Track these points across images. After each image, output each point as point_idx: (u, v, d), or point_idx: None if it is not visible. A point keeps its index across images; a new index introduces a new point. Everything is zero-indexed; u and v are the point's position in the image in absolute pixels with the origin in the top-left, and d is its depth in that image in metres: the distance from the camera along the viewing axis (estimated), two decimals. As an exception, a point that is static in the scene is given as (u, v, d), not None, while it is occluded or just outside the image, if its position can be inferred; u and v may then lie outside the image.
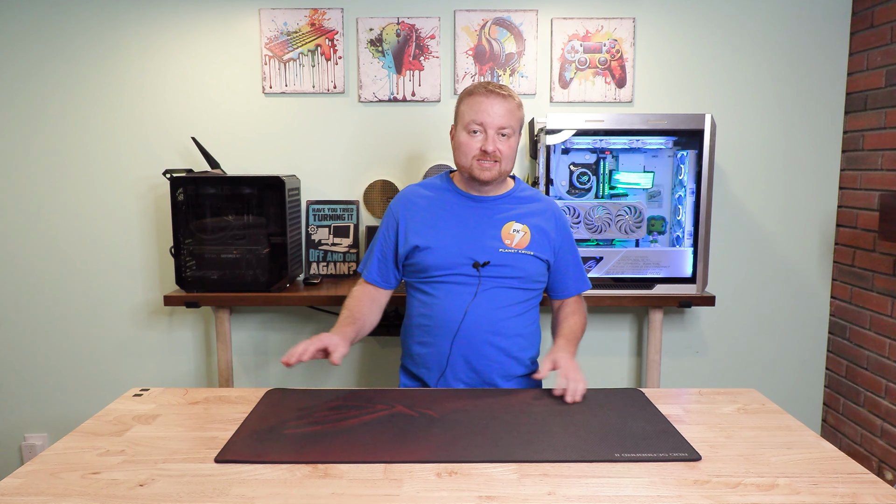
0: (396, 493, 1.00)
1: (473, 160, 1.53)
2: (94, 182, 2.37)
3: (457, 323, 1.53)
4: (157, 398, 1.42)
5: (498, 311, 1.55)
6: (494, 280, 1.55)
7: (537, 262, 1.59)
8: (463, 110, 1.55)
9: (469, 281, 1.54)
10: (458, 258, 1.54)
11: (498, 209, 1.60)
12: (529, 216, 1.60)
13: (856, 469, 1.08)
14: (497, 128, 1.52)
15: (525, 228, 1.58)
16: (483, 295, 1.54)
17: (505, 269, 1.55)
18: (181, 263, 2.12)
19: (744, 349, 2.49)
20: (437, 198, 1.62)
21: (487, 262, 1.53)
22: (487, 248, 1.55)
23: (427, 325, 1.58)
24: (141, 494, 1.00)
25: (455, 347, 1.54)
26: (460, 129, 1.56)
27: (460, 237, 1.56)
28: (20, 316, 2.43)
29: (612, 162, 2.22)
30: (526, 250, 1.57)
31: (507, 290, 1.56)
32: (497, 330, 1.55)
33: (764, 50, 2.33)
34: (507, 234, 1.57)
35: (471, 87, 1.56)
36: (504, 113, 1.52)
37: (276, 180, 2.11)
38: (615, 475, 1.06)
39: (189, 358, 2.47)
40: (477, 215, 1.59)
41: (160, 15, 2.29)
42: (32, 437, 2.49)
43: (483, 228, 1.57)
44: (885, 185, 2.17)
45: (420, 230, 1.58)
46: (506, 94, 1.53)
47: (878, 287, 2.21)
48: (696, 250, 2.16)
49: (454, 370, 1.56)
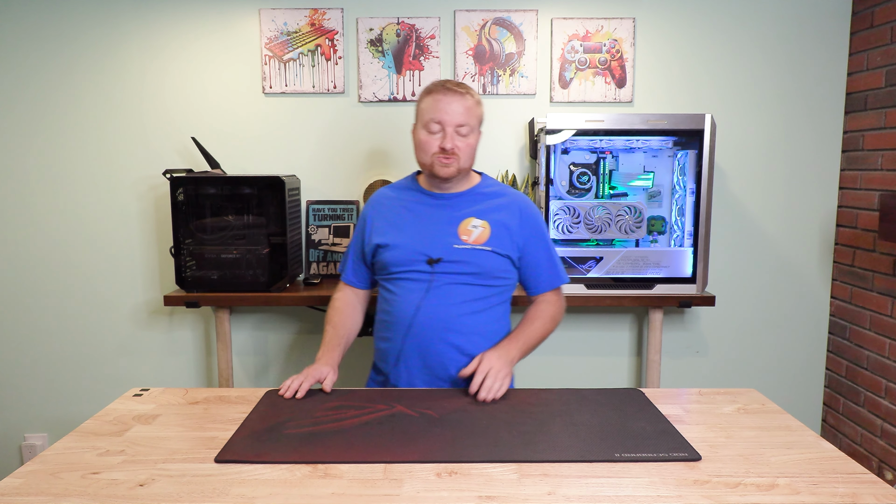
0: (396, 493, 1.00)
1: (433, 157, 1.54)
2: (94, 182, 2.37)
3: (409, 318, 1.55)
4: (157, 398, 1.42)
5: (452, 307, 1.54)
6: (449, 276, 1.55)
7: (497, 257, 1.57)
8: (423, 109, 1.57)
9: (423, 277, 1.56)
10: (413, 255, 1.56)
11: (458, 206, 1.61)
12: (491, 211, 1.60)
13: (856, 469, 1.08)
14: (455, 125, 1.52)
15: (484, 224, 1.58)
16: (436, 291, 1.55)
17: (459, 265, 1.54)
18: (181, 263, 2.12)
19: (744, 349, 2.49)
20: (401, 197, 1.65)
21: (440, 258, 1.54)
22: (442, 245, 1.55)
23: (386, 321, 1.61)
24: (141, 494, 1.00)
25: (407, 343, 1.56)
26: (420, 127, 1.57)
27: (417, 234, 1.58)
28: (20, 316, 2.43)
29: (612, 162, 2.22)
30: (484, 246, 1.56)
31: (463, 287, 1.55)
32: (450, 326, 1.54)
33: (764, 50, 2.33)
34: (465, 230, 1.57)
35: (430, 86, 1.58)
36: (462, 111, 1.52)
37: (276, 180, 2.11)
38: (615, 475, 1.06)
39: (189, 358, 2.47)
40: (436, 213, 1.60)
41: (160, 15, 2.29)
42: (32, 437, 2.49)
43: (440, 225, 1.58)
44: (885, 185, 2.17)
45: (383, 229, 1.61)
46: (464, 92, 1.54)
47: (878, 287, 2.21)
48: (696, 250, 2.16)
49: (407, 365, 1.57)
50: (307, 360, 2.46)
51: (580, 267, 2.17)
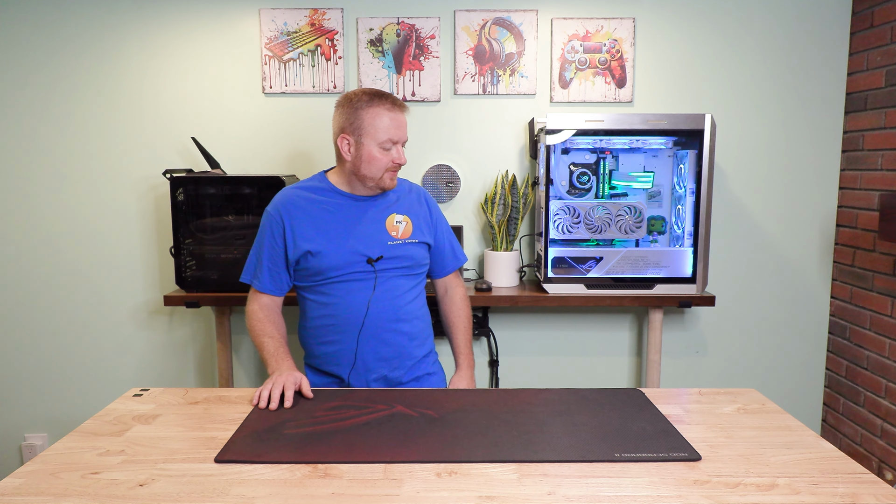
0: (396, 493, 1.00)
1: (385, 172, 1.61)
2: (94, 182, 2.37)
3: (360, 318, 1.60)
4: (157, 398, 1.42)
5: (397, 299, 1.63)
6: (389, 272, 1.63)
7: (422, 247, 1.69)
8: (371, 124, 1.56)
9: (365, 277, 1.61)
10: (351, 257, 1.60)
11: (378, 204, 1.67)
12: (405, 205, 1.70)
13: (856, 469, 1.08)
14: (404, 141, 1.62)
15: (406, 218, 1.68)
16: (381, 287, 1.62)
17: (396, 259, 1.63)
18: (181, 263, 2.12)
19: (744, 349, 2.49)
20: (320, 200, 1.64)
21: (381, 256, 1.60)
22: (377, 243, 1.62)
23: (331, 325, 1.62)
24: (141, 494, 1.00)
25: (362, 341, 1.61)
26: (371, 143, 1.57)
27: (350, 237, 1.61)
28: (20, 316, 2.43)
29: (612, 162, 2.22)
30: (411, 239, 1.66)
31: (402, 279, 1.65)
32: (399, 316, 1.63)
33: (764, 50, 2.33)
34: (392, 226, 1.66)
35: (374, 101, 1.57)
36: (406, 124, 1.62)
37: (276, 180, 2.11)
38: (615, 475, 1.06)
39: (189, 358, 2.47)
40: (362, 213, 1.65)
41: (160, 15, 2.29)
42: (32, 437, 2.49)
43: (369, 225, 1.64)
44: (885, 185, 2.17)
45: (308, 234, 1.60)
46: (406, 106, 1.63)
47: (878, 287, 2.21)
48: (696, 250, 2.16)
49: (365, 363, 1.62)
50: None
51: (580, 267, 2.17)
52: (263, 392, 1.37)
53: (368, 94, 1.58)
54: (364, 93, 1.59)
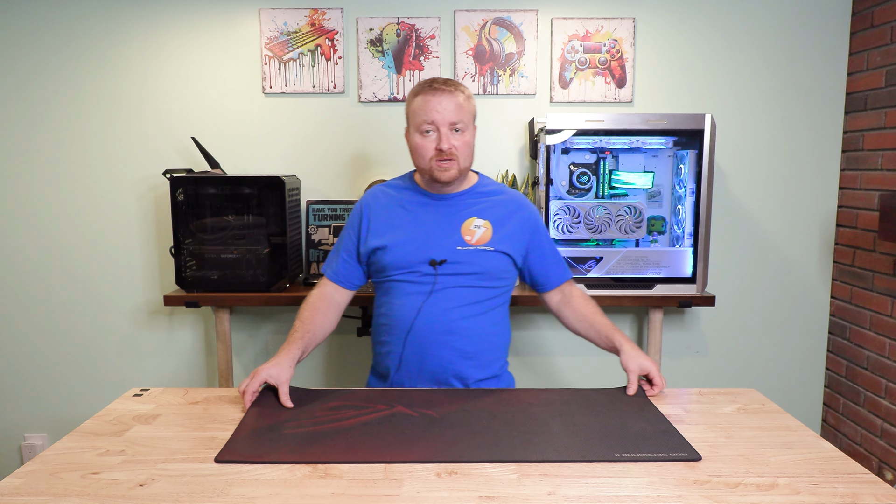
0: (396, 493, 1.00)
1: (431, 161, 1.51)
2: (94, 182, 2.37)
3: (409, 322, 1.51)
4: (157, 398, 1.41)
5: (454, 310, 1.52)
6: (452, 278, 1.52)
7: (500, 257, 1.55)
8: (413, 111, 1.53)
9: (425, 280, 1.52)
10: (415, 257, 1.52)
11: (459, 206, 1.58)
12: (492, 211, 1.58)
13: (856, 469, 1.08)
14: (449, 124, 1.49)
15: (486, 224, 1.55)
16: (439, 294, 1.51)
17: (463, 265, 1.52)
18: (181, 263, 2.12)
19: (744, 349, 2.49)
20: (398, 197, 1.61)
21: (444, 260, 1.51)
22: (445, 246, 1.52)
23: (384, 325, 1.58)
24: (141, 494, 1.00)
25: (408, 347, 1.52)
26: (413, 131, 1.53)
27: (419, 236, 1.54)
28: (20, 316, 2.43)
29: (612, 162, 2.22)
30: (486, 246, 1.54)
31: (466, 290, 1.53)
32: (452, 330, 1.51)
33: (764, 50, 2.33)
34: (468, 230, 1.54)
35: (417, 87, 1.54)
36: (454, 108, 1.49)
37: (276, 180, 2.11)
38: (615, 475, 1.05)
39: (189, 358, 2.47)
40: (437, 213, 1.57)
41: (160, 15, 2.29)
42: (32, 437, 2.49)
43: (442, 226, 1.55)
44: (885, 185, 2.17)
45: (380, 230, 1.57)
46: (452, 89, 1.50)
47: (878, 287, 2.21)
48: (696, 250, 2.16)
49: (407, 370, 1.54)
50: (307, 361, 2.47)
51: (580, 267, 2.17)
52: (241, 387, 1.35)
53: (420, 83, 1.54)
54: (418, 83, 1.56)
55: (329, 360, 2.48)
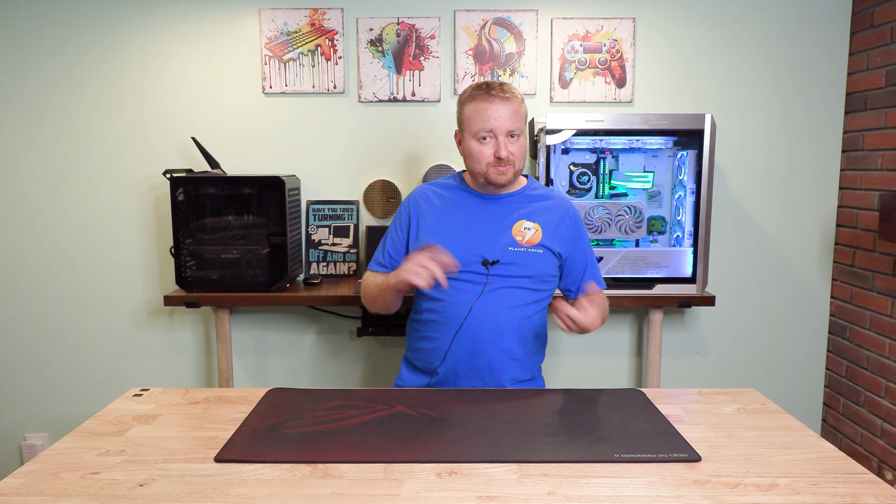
0: (396, 493, 1.00)
1: (488, 167, 1.53)
2: (94, 182, 2.37)
3: (461, 319, 1.53)
4: (157, 398, 1.41)
5: (505, 311, 1.54)
6: (503, 279, 1.54)
7: (548, 258, 1.57)
8: (468, 116, 1.54)
9: (478, 279, 1.54)
10: (467, 255, 1.53)
11: (510, 207, 1.60)
12: (541, 213, 1.60)
13: (856, 469, 1.08)
14: (506, 132, 1.51)
15: (536, 226, 1.58)
16: (490, 294, 1.53)
17: (514, 267, 1.54)
18: (181, 263, 2.12)
19: (744, 349, 2.49)
20: (450, 197, 1.63)
21: (497, 260, 1.53)
22: (498, 247, 1.55)
23: (433, 321, 1.58)
24: (141, 494, 1.00)
25: (456, 344, 1.54)
26: (468, 137, 1.54)
27: (471, 235, 1.56)
28: (20, 316, 2.43)
29: (612, 162, 2.22)
30: (536, 248, 1.56)
31: (516, 290, 1.55)
32: (502, 330, 1.53)
33: (764, 50, 2.33)
34: (519, 231, 1.57)
35: (472, 92, 1.54)
36: (510, 115, 1.50)
37: (276, 180, 2.11)
38: (615, 475, 1.05)
39: (189, 358, 2.47)
40: (489, 214, 1.59)
41: (160, 15, 2.29)
42: (32, 437, 2.49)
43: (494, 227, 1.57)
44: (885, 185, 2.17)
45: (432, 228, 1.59)
46: (509, 96, 1.51)
47: (878, 287, 2.21)
48: (696, 250, 2.16)
49: (453, 366, 1.56)
50: (307, 361, 2.47)
51: (580, 267, 2.17)
52: (423, 272, 1.38)
53: (472, 87, 1.55)
54: (470, 87, 1.57)
55: (328, 361, 2.47)
